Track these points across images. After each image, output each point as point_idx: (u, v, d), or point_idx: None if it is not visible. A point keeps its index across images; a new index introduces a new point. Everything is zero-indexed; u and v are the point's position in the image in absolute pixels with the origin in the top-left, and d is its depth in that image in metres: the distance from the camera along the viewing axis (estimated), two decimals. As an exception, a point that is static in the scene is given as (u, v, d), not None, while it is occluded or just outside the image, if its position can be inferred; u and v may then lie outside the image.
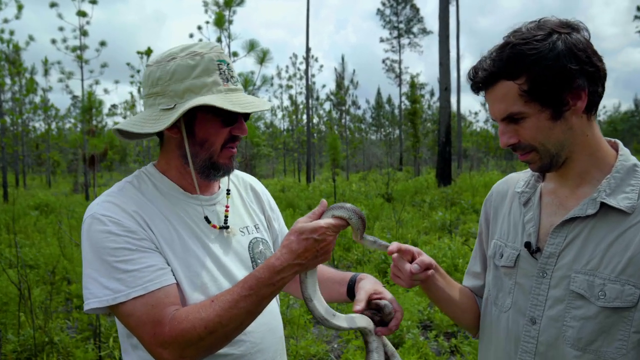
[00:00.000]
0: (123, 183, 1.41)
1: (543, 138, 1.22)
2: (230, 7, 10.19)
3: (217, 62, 1.34)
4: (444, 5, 19.31)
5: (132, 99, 29.50)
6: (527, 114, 1.21)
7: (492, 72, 1.22)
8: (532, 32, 1.19)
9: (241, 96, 1.36)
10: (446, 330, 4.94)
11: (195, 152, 1.37)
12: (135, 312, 1.21)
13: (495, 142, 40.52)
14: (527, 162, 1.30)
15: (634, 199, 1.19)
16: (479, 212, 1.68)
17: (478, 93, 1.30)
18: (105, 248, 1.24)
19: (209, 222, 1.42)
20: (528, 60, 1.17)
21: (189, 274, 1.33)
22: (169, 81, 1.32)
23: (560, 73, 1.16)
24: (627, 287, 1.15)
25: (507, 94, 1.21)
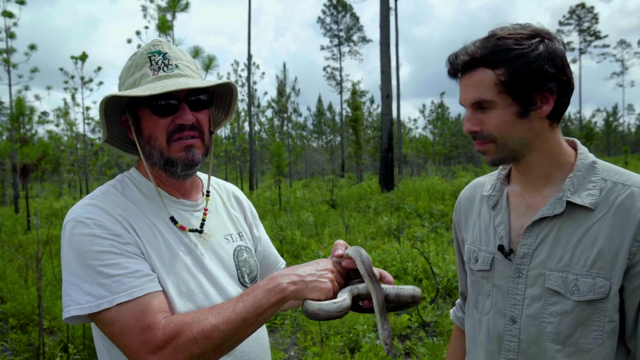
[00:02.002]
0: (106, 187, 1.35)
1: (505, 131, 1.27)
2: (174, 11, 9.93)
3: (148, 55, 1.31)
4: (384, 14, 19.75)
5: (66, 105, 28.10)
6: (497, 105, 1.26)
7: (474, 57, 1.26)
8: (518, 31, 1.25)
9: (171, 81, 1.27)
10: (400, 333, 5.01)
11: (149, 152, 1.33)
12: (121, 318, 1.14)
13: (434, 149, 41.76)
14: (484, 152, 1.34)
15: (596, 195, 1.24)
16: (423, 217, 1.74)
17: (455, 77, 1.34)
18: (89, 252, 1.17)
19: (175, 223, 1.36)
20: (511, 53, 1.22)
21: (176, 280, 1.28)
22: (119, 88, 1.35)
23: (537, 73, 1.21)
24: (598, 280, 1.20)
25: (483, 81, 1.26)
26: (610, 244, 1.20)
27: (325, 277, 1.25)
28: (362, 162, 29.68)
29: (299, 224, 11.22)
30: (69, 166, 28.02)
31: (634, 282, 1.19)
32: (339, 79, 54.37)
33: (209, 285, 1.35)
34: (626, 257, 1.18)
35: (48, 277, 6.57)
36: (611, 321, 1.21)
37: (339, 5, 54.92)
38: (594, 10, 63.84)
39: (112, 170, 28.44)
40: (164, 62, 1.31)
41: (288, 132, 42.26)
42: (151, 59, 1.30)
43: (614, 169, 1.30)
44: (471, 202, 1.58)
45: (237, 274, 1.45)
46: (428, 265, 6.39)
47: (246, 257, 1.51)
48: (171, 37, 11.26)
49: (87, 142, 25.98)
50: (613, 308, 1.20)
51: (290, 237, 9.40)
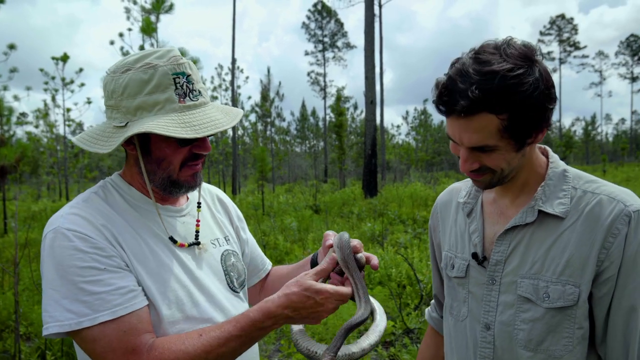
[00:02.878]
0: (88, 194, 1.30)
1: (504, 166, 1.25)
2: (158, 13, 9.83)
3: (173, 76, 1.22)
4: (369, 21, 19.86)
5: (46, 107, 27.63)
6: (499, 147, 1.20)
7: (476, 102, 1.14)
8: (516, 62, 1.15)
9: (200, 114, 1.24)
10: (384, 340, 4.99)
11: (152, 170, 1.29)
12: (103, 337, 1.10)
13: (417, 155, 42.04)
14: (477, 179, 1.31)
15: (567, 203, 1.25)
16: (406, 223, 1.74)
17: (448, 116, 1.23)
18: (70, 267, 1.12)
19: (174, 242, 1.33)
20: (515, 97, 1.13)
21: (164, 289, 1.24)
22: (121, 96, 1.22)
23: (540, 114, 1.17)
24: (567, 287, 1.22)
25: (486, 127, 1.17)
26: (580, 252, 1.21)
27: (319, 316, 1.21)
28: (346, 167, 29.75)
29: (282, 229, 11.18)
30: (48, 168, 27.52)
31: (602, 289, 1.21)
32: (322, 85, 54.50)
33: (198, 293, 1.31)
34: (595, 265, 1.20)
35: (25, 282, 6.42)
36: (580, 328, 1.23)
37: (323, 11, 55.14)
38: (573, 21, 65.14)
39: (93, 173, 28.08)
40: (189, 86, 1.24)
41: (271, 137, 42.20)
42: (176, 81, 1.22)
43: (584, 177, 1.31)
44: (447, 207, 1.58)
45: (225, 279, 1.43)
46: (412, 271, 6.39)
47: (234, 262, 1.49)
48: (155, 39, 11.16)
49: (67, 144, 25.58)
50: (582, 315, 1.22)
51: (274, 242, 9.35)
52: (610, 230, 1.19)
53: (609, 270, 1.19)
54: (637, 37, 68.76)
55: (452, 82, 1.18)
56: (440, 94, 1.21)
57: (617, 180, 23.19)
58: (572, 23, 64.94)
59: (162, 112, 1.20)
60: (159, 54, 1.24)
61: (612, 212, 1.20)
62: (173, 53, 1.25)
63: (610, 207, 1.21)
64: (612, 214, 1.20)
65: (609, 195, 1.23)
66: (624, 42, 69.53)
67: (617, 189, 1.25)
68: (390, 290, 6.07)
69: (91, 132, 1.29)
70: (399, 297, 5.84)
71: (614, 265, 1.19)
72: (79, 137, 1.29)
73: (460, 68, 1.18)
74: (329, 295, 1.18)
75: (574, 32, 65.19)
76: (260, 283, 1.73)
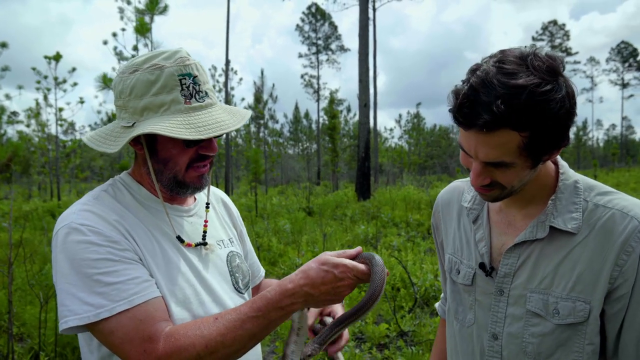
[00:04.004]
0: (98, 191, 1.30)
1: (516, 182, 1.21)
2: (153, 14, 9.81)
3: (179, 77, 1.23)
4: (363, 24, 19.92)
5: (38, 106, 27.41)
6: (515, 164, 1.15)
7: (500, 117, 1.06)
8: (544, 76, 1.08)
9: (206, 115, 1.24)
10: (379, 342, 5.01)
11: (159, 169, 1.30)
12: (120, 328, 1.10)
13: (410, 158, 42.13)
14: (484, 193, 1.27)
15: (579, 218, 1.22)
16: (399, 226, 1.73)
17: (467, 130, 1.14)
18: (85, 260, 1.13)
19: (182, 242, 1.33)
20: (541, 115, 1.06)
21: (172, 287, 1.25)
22: (128, 97, 1.24)
23: (561, 133, 1.12)
24: (578, 304, 1.20)
25: (506, 144, 1.10)
26: (591, 268, 1.19)
27: (340, 293, 1.19)
28: (339, 170, 29.75)
29: (275, 231, 11.17)
30: (39, 168, 27.31)
31: (616, 306, 1.19)
32: (316, 87, 54.50)
33: (204, 293, 1.32)
34: (607, 282, 1.17)
35: (18, 282, 6.37)
36: (591, 344, 1.21)
37: (317, 13, 55.18)
38: (565, 27, 65.63)
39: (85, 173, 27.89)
40: (195, 87, 1.25)
41: (264, 139, 42.13)
42: (182, 82, 1.23)
43: (595, 189, 1.27)
44: (449, 207, 1.55)
45: (231, 280, 1.44)
46: (406, 274, 6.41)
47: (239, 263, 1.50)
48: (149, 40, 11.12)
49: (59, 144, 25.40)
50: (593, 331, 1.20)
51: (267, 244, 9.34)
52: (623, 247, 1.16)
53: (622, 288, 1.17)
54: (627, 44, 69.41)
55: (474, 93, 1.09)
56: (460, 105, 1.12)
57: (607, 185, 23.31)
58: (564, 29, 65.43)
59: (168, 113, 1.21)
60: (166, 54, 1.25)
61: (626, 228, 1.17)
62: (180, 54, 1.26)
63: (624, 224, 1.18)
64: (627, 231, 1.16)
65: (622, 210, 1.20)
66: (615, 48, 70.15)
67: (631, 203, 1.21)
68: (385, 293, 6.08)
69: (100, 132, 1.31)
70: (393, 300, 5.85)
71: (628, 283, 1.16)
72: (89, 137, 1.31)
73: (484, 78, 1.09)
74: (347, 269, 1.17)
75: (566, 38, 65.66)
76: (254, 290, 1.74)
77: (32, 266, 6.78)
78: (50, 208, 17.25)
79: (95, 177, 37.60)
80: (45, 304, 4.46)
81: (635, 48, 68.67)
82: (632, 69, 69.09)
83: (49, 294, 4.56)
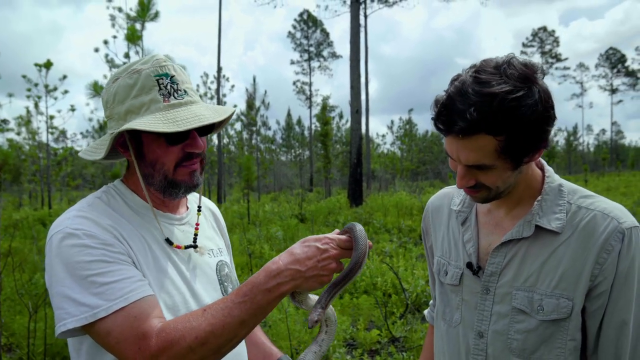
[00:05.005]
0: (92, 198, 1.32)
1: (500, 184, 1.28)
2: (144, 21, 9.82)
3: (156, 78, 1.27)
4: (354, 31, 20.01)
5: (28, 114, 27.25)
6: (496, 166, 1.23)
7: (474, 124, 1.16)
8: (516, 83, 1.16)
9: (185, 111, 1.26)
10: (370, 348, 5.01)
11: (149, 173, 1.32)
12: (116, 327, 1.11)
13: (402, 164, 42.25)
14: (473, 195, 1.34)
15: (563, 219, 1.29)
16: (391, 232, 1.76)
17: (447, 135, 1.25)
18: (79, 262, 1.14)
19: (170, 244, 1.35)
20: (513, 120, 1.15)
21: (162, 294, 1.26)
22: (113, 104, 1.29)
23: (538, 135, 1.19)
24: (561, 300, 1.25)
25: (484, 147, 1.19)
26: (574, 266, 1.24)
27: (327, 268, 1.20)
28: (331, 176, 29.78)
29: (267, 238, 11.15)
30: (30, 176, 27.13)
31: (596, 303, 1.24)
32: (308, 94, 54.62)
33: (192, 301, 1.33)
34: (588, 279, 1.23)
35: (7, 292, 6.32)
36: (573, 339, 1.26)
37: (309, 20, 55.37)
38: (555, 33, 66.26)
39: (76, 181, 27.74)
40: (173, 86, 1.28)
41: (257, 146, 42.11)
42: (159, 82, 1.27)
43: (578, 192, 1.34)
44: (439, 212, 1.60)
45: (220, 289, 1.45)
46: (397, 280, 6.43)
47: (227, 272, 1.51)
48: (140, 47, 11.11)
49: (50, 152, 25.26)
50: (575, 327, 1.25)
51: (260, 251, 9.33)
52: (604, 246, 1.22)
53: (602, 285, 1.22)
54: (616, 50, 70.20)
55: (451, 101, 1.19)
56: (439, 113, 1.22)
57: (598, 189, 23.50)
58: (554, 35, 66.07)
59: (148, 113, 1.25)
60: (144, 60, 1.31)
61: (607, 228, 1.23)
62: (156, 57, 1.31)
63: (604, 224, 1.24)
64: (607, 231, 1.22)
65: (602, 211, 1.26)
66: (604, 54, 70.90)
67: (610, 205, 1.28)
68: (376, 298, 6.09)
69: (92, 144, 1.35)
70: (384, 306, 5.86)
71: (607, 280, 1.22)
72: (84, 151, 1.36)
73: (460, 87, 1.18)
74: (329, 240, 1.21)
75: (556, 44, 66.31)
76: None
77: (21, 275, 6.72)
78: (41, 216, 17.11)
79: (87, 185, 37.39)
80: (35, 314, 4.43)
81: (624, 54, 69.52)
82: (620, 74, 69.84)
83: (38, 304, 4.53)
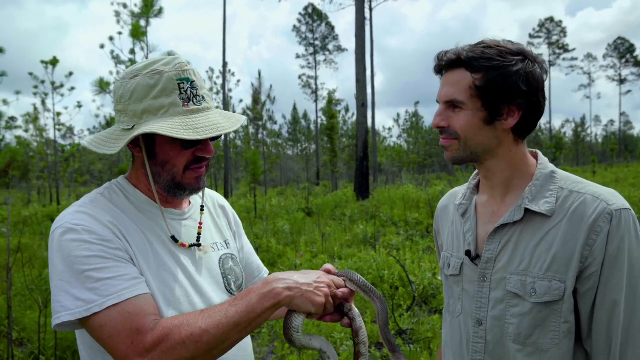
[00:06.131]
0: (94, 195, 1.35)
1: (470, 133, 1.35)
2: (148, 17, 9.84)
3: (177, 82, 1.28)
4: (360, 24, 19.94)
5: (35, 111, 27.44)
6: (467, 107, 1.33)
7: (459, 58, 1.33)
8: (507, 46, 1.32)
9: (203, 117, 1.30)
10: (377, 341, 5.03)
11: (157, 172, 1.34)
12: (109, 322, 1.13)
13: (409, 157, 42.17)
14: (446, 147, 1.40)
15: (553, 202, 1.31)
16: (398, 225, 1.80)
17: (439, 73, 1.41)
18: (77, 257, 1.17)
19: (176, 241, 1.38)
20: (492, 62, 1.29)
21: (163, 288, 1.28)
22: (129, 100, 1.29)
23: (510, 86, 1.29)
24: (554, 283, 1.27)
25: (460, 82, 1.33)
26: (565, 249, 1.26)
27: (321, 290, 1.26)
28: (338, 170, 29.78)
29: (274, 232, 11.19)
30: (38, 173, 27.33)
31: (586, 285, 1.26)
32: (314, 88, 54.50)
33: (194, 294, 1.35)
34: (579, 261, 1.25)
35: (17, 287, 6.39)
36: (566, 322, 1.27)
37: (314, 14, 55.22)
38: (562, 24, 65.69)
39: (84, 177, 27.90)
40: (193, 92, 1.30)
41: (263, 140, 42.18)
42: (180, 87, 1.28)
43: (571, 178, 1.37)
44: (446, 211, 1.66)
45: (223, 282, 1.46)
46: (404, 273, 6.44)
47: (232, 265, 1.53)
48: (145, 43, 11.15)
49: (57, 149, 25.42)
50: (568, 309, 1.27)
51: (267, 246, 9.37)
52: (593, 228, 1.24)
53: (592, 267, 1.24)
54: (624, 40, 69.47)
55: (451, 50, 1.38)
56: (437, 55, 1.40)
57: (606, 181, 23.39)
58: (561, 26, 65.49)
59: (167, 116, 1.27)
60: (165, 61, 1.31)
61: (596, 210, 1.25)
62: (178, 60, 1.32)
63: (593, 206, 1.26)
64: (595, 213, 1.25)
65: (593, 194, 1.28)
66: (612, 44, 70.20)
67: (601, 189, 1.31)
68: (383, 291, 6.11)
69: (100, 136, 1.36)
70: (391, 299, 5.88)
71: (597, 261, 1.24)
72: (89, 140, 1.36)
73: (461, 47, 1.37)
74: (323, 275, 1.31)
75: (563, 35, 65.74)
76: None
77: (31, 271, 6.80)
78: (50, 213, 17.26)
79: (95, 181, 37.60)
80: (45, 309, 4.48)
81: (632, 44, 68.76)
82: (629, 64, 69.13)
83: (48, 299, 4.58)
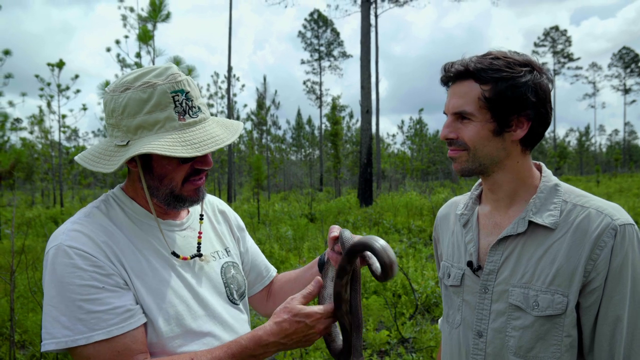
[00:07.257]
0: (90, 208, 1.31)
1: (479, 144, 1.34)
2: (155, 21, 9.88)
3: (172, 94, 1.23)
4: (365, 31, 19.98)
5: (41, 113, 27.55)
6: (476, 118, 1.32)
7: (467, 69, 1.33)
8: (514, 57, 1.33)
9: (201, 131, 1.26)
10: (380, 349, 5.00)
11: (155, 185, 1.30)
12: (97, 356, 1.13)
13: (412, 164, 42.14)
14: (454, 158, 1.40)
15: (557, 215, 1.31)
16: (401, 232, 1.80)
17: (446, 85, 1.41)
18: (69, 284, 1.15)
19: (177, 257, 1.35)
20: (500, 73, 1.29)
21: (164, 305, 1.26)
22: (121, 115, 1.23)
23: (519, 98, 1.29)
24: (556, 296, 1.26)
25: (468, 93, 1.33)
26: (568, 263, 1.26)
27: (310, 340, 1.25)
28: (341, 176, 29.76)
29: (277, 237, 11.17)
30: (42, 174, 27.40)
31: (589, 299, 1.25)
32: (318, 93, 54.59)
33: (197, 307, 1.33)
34: (582, 275, 1.24)
35: (20, 290, 6.39)
36: (569, 336, 1.27)
37: (320, 20, 55.37)
38: (567, 33, 65.68)
39: (88, 180, 27.95)
40: (188, 103, 1.26)
41: (267, 145, 42.22)
42: (175, 99, 1.24)
43: (574, 192, 1.37)
44: (446, 220, 1.65)
45: (225, 292, 1.45)
46: (407, 281, 6.41)
47: (234, 274, 1.51)
48: (152, 47, 11.19)
49: (62, 151, 25.50)
50: (570, 323, 1.26)
51: (269, 251, 9.34)
52: (597, 242, 1.24)
53: (596, 281, 1.24)
54: (629, 50, 69.38)
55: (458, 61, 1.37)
56: (444, 66, 1.40)
57: (610, 191, 23.30)
58: (566, 35, 65.48)
59: (163, 131, 1.22)
60: (157, 72, 1.25)
61: (600, 225, 1.25)
62: (171, 71, 1.26)
63: (598, 221, 1.26)
64: (600, 227, 1.24)
65: (597, 209, 1.28)
66: (617, 54, 70.10)
67: (605, 204, 1.30)
68: (386, 299, 6.08)
69: (93, 151, 1.30)
70: (394, 307, 5.85)
71: (601, 276, 1.23)
72: (82, 156, 1.30)
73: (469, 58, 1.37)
74: (318, 317, 1.23)
75: (568, 44, 65.70)
76: (266, 290, 1.74)
77: (34, 273, 6.80)
78: (53, 215, 17.28)
79: (98, 183, 37.66)
80: (47, 311, 4.46)
81: (637, 54, 68.60)
82: (634, 74, 69.02)
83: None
